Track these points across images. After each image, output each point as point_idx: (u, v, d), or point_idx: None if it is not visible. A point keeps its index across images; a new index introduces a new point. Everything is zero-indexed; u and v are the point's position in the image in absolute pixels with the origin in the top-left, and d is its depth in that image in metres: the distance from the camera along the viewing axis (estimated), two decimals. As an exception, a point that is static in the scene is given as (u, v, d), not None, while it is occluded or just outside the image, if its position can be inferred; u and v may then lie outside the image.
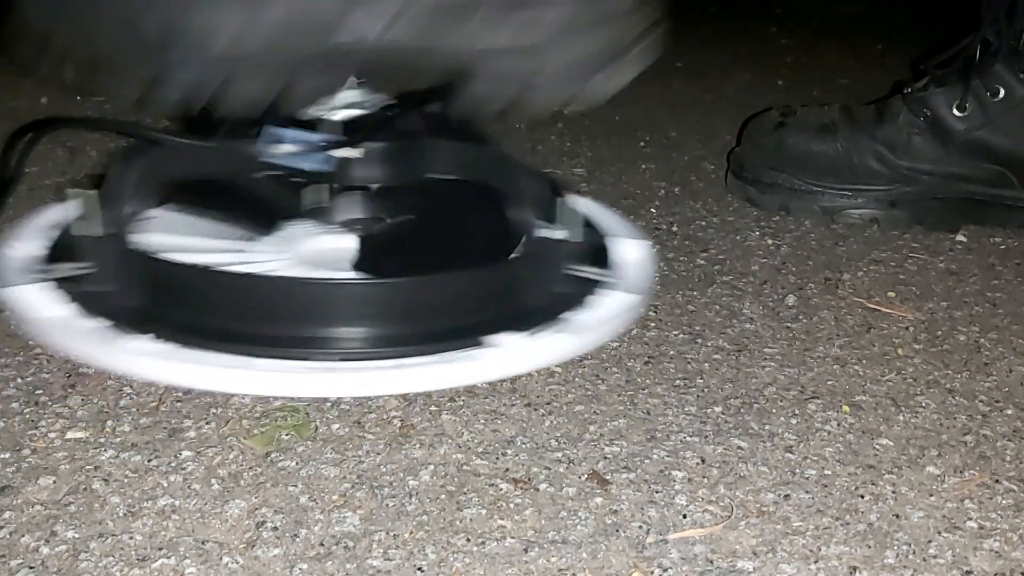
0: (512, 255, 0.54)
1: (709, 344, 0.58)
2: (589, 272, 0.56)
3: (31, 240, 0.61)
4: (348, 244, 0.61)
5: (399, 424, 0.49)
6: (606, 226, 0.67)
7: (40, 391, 0.50)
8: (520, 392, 0.52)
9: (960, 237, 0.76)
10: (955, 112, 0.73)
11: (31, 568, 0.38)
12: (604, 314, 0.56)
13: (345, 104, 0.61)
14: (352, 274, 0.57)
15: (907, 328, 0.62)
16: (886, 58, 1.33)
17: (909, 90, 0.76)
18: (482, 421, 0.49)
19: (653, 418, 0.51)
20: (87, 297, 0.54)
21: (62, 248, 0.59)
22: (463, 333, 0.52)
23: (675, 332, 0.59)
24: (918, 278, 0.69)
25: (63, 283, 0.55)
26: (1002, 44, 0.72)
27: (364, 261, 0.59)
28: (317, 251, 0.60)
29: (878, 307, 0.64)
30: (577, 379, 0.54)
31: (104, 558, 0.39)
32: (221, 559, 0.39)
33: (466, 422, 0.49)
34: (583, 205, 0.71)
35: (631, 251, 0.63)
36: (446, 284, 0.54)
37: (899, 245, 0.74)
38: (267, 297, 0.52)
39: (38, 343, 0.54)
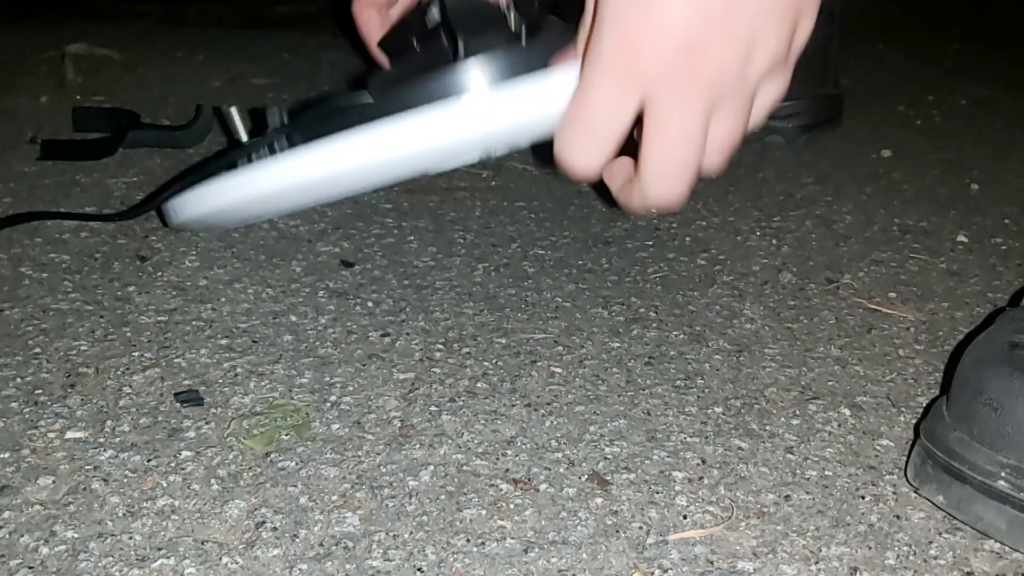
0: None
1: (710, 345, 0.58)
2: None
3: None
4: None
5: (399, 424, 0.49)
6: None
7: (40, 391, 0.50)
8: (520, 392, 0.52)
9: (961, 237, 0.76)
10: None
11: (30, 568, 0.38)
12: None
13: None
14: None
15: (908, 329, 0.62)
16: (886, 58, 1.33)
17: None
18: (482, 421, 0.49)
19: (653, 419, 0.50)
20: None
21: None
22: None
23: (676, 332, 0.59)
24: (919, 279, 0.69)
25: None
26: None
27: None
28: None
29: (879, 308, 0.64)
30: (577, 379, 0.54)
31: (103, 558, 0.39)
32: (220, 559, 0.39)
33: (466, 422, 0.49)
34: None
35: None
36: None
37: (900, 246, 0.74)
38: None
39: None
